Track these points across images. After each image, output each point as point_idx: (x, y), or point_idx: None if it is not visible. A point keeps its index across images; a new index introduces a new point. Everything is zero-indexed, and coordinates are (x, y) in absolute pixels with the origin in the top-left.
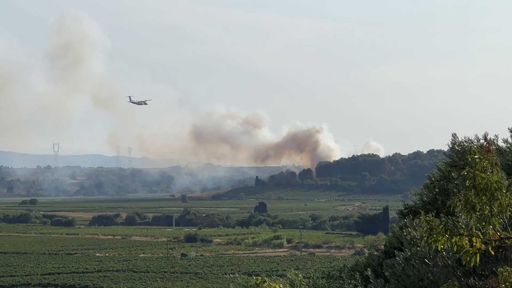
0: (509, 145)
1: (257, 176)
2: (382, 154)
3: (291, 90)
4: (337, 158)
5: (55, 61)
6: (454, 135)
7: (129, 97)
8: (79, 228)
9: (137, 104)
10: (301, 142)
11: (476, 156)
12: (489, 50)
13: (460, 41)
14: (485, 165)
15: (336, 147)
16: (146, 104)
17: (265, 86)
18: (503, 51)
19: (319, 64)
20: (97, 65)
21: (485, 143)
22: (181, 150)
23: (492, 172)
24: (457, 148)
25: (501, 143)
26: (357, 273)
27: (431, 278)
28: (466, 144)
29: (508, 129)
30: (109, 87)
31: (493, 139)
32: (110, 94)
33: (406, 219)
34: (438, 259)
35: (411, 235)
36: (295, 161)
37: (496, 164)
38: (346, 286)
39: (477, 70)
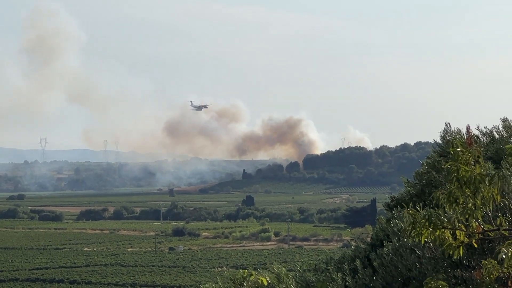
0: (501, 134)
1: (244, 170)
2: (367, 144)
3: (271, 84)
4: (321, 150)
5: (29, 56)
6: (447, 124)
7: (191, 101)
8: (67, 222)
9: (198, 109)
10: (283, 133)
11: (458, 149)
12: (477, 43)
13: (446, 34)
14: (467, 158)
15: (319, 139)
16: (207, 107)
17: (245, 80)
18: (491, 45)
19: (302, 58)
20: (73, 60)
21: (467, 137)
22: (159, 144)
23: (475, 165)
24: (447, 138)
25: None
26: (345, 264)
27: (419, 269)
28: (456, 135)
29: (500, 119)
30: (84, 82)
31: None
32: (86, 88)
33: (393, 211)
34: (425, 251)
35: (398, 226)
36: (279, 154)
37: (478, 157)
38: (334, 277)
39: (466, 62)
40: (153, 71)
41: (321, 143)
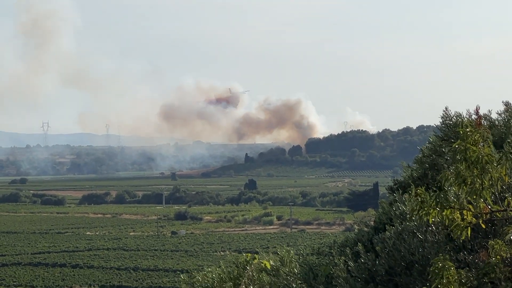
0: (503, 117)
1: (246, 154)
2: (367, 127)
3: (267, 66)
4: (321, 133)
5: (24, 39)
6: (446, 109)
7: (229, 89)
8: (69, 207)
9: (236, 96)
10: (282, 116)
11: (467, 129)
12: (481, 24)
13: (449, 15)
14: (476, 139)
15: (320, 122)
16: (245, 93)
17: (241, 62)
18: (495, 26)
19: (303, 39)
20: (68, 42)
21: (476, 117)
22: (157, 128)
23: (483, 146)
24: (448, 122)
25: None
26: (347, 248)
27: (422, 252)
28: (457, 119)
29: (502, 102)
30: (80, 65)
31: (487, 114)
32: (83, 71)
33: (395, 194)
34: (428, 235)
35: (400, 209)
36: (279, 138)
37: (487, 138)
38: (336, 261)
39: (467, 45)
40: (148, 53)
41: (321, 126)
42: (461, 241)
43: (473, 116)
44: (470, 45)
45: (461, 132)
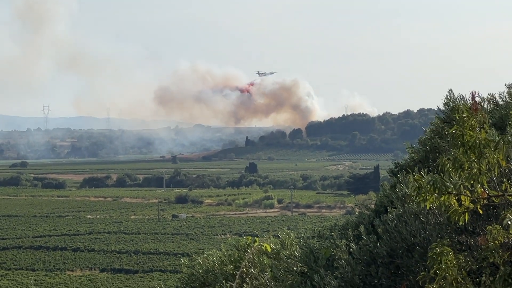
0: (506, 100)
1: (247, 137)
2: (367, 110)
3: (264, 50)
4: (321, 117)
5: (21, 23)
6: (450, 91)
7: (258, 71)
8: (70, 190)
9: (263, 75)
10: (280, 98)
11: (464, 115)
12: (481, 8)
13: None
14: (473, 124)
15: (318, 103)
16: (272, 74)
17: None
18: (498, 9)
19: (304, 23)
20: (65, 26)
21: (472, 102)
22: (154, 111)
23: (480, 130)
24: (451, 104)
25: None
26: (349, 230)
27: (423, 235)
28: (459, 102)
29: (505, 85)
30: (78, 48)
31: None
32: (81, 55)
33: (398, 176)
34: (430, 217)
35: (402, 191)
36: (277, 121)
37: (484, 122)
38: (338, 243)
39: (469, 28)
40: (146, 37)
41: (319, 108)
42: (462, 224)
43: (476, 99)
44: (473, 27)
45: (458, 117)
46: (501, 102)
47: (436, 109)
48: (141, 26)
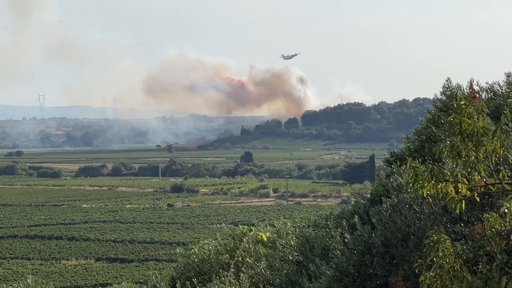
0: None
1: (242, 126)
2: (360, 97)
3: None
4: (315, 106)
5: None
6: (447, 79)
7: (282, 55)
8: (65, 179)
9: (288, 58)
10: (272, 87)
11: (462, 103)
12: None
13: None
14: (471, 111)
15: (311, 92)
16: (296, 55)
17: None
18: None
19: (299, 10)
20: (54, 14)
21: (470, 90)
22: (148, 100)
23: (478, 118)
24: (448, 93)
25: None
26: (344, 220)
27: (418, 224)
28: (456, 90)
29: (505, 73)
30: (67, 36)
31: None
32: (69, 43)
33: (392, 166)
34: (424, 206)
35: (397, 181)
36: (271, 109)
37: (482, 110)
38: (332, 233)
39: (464, 16)
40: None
41: (312, 96)
42: (457, 213)
43: (475, 87)
44: (468, 16)
45: (456, 105)
46: (498, 91)
47: (432, 98)
48: (131, 14)
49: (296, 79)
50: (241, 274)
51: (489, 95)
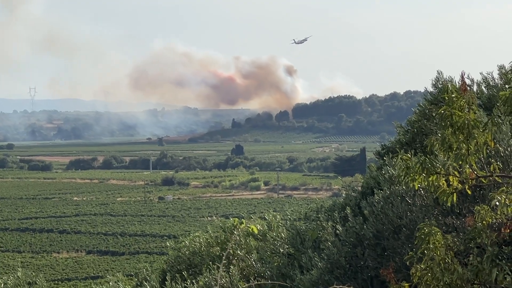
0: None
1: (233, 119)
2: (352, 90)
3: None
4: (304, 97)
5: None
6: (439, 72)
7: (294, 39)
8: (56, 172)
9: (300, 43)
10: (260, 78)
11: (453, 95)
12: None
13: None
14: (462, 104)
15: (300, 84)
16: (307, 40)
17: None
18: None
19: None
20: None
21: (462, 83)
22: (136, 93)
23: (469, 111)
24: (439, 85)
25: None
26: (335, 212)
27: (410, 216)
28: (446, 83)
29: (498, 66)
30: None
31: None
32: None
33: (384, 158)
34: (416, 198)
35: (389, 173)
36: (261, 103)
37: (473, 103)
38: (324, 225)
39: (456, 11)
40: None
41: (303, 91)
42: (449, 205)
43: (466, 80)
44: (460, 11)
45: (447, 98)
46: (490, 83)
47: (423, 91)
48: (118, 6)
49: (284, 70)
50: (232, 267)
51: (481, 88)
